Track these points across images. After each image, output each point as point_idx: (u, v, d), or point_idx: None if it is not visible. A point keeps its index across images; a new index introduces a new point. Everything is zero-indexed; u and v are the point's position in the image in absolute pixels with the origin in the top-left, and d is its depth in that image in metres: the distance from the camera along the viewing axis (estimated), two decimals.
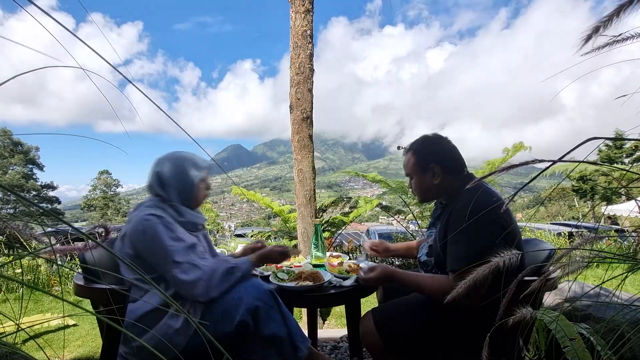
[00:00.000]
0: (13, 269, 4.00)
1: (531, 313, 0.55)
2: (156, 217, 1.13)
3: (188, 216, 1.24)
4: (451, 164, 1.24)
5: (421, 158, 1.26)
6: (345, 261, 1.66)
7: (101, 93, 0.47)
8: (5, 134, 33.26)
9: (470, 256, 1.03)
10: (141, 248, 1.11)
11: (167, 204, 1.21)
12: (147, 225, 1.10)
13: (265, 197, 4.44)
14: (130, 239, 1.12)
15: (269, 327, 1.14)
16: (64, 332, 2.70)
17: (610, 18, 0.49)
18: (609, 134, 0.49)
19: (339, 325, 2.95)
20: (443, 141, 1.27)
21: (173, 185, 1.22)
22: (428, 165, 1.24)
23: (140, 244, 1.11)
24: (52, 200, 36.08)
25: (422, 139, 1.29)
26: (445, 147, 1.26)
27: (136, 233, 1.11)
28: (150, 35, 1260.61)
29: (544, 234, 7.43)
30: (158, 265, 1.11)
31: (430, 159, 1.24)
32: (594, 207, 20.41)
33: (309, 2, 2.75)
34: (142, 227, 1.10)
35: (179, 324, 1.09)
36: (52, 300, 3.58)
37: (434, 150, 1.25)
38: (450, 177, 1.23)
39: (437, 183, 1.23)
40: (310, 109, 2.81)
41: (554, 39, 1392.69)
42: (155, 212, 1.14)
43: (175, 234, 1.13)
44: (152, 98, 0.41)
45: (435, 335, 1.17)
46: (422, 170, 1.25)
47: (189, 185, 1.25)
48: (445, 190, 1.25)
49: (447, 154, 1.25)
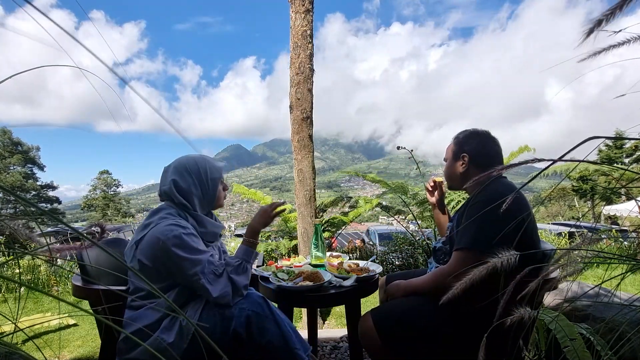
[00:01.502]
0: (13, 269, 4.00)
1: (530, 313, 0.55)
2: (181, 227, 1.10)
3: (209, 226, 1.22)
4: (481, 158, 1.29)
5: (458, 146, 1.33)
6: (345, 261, 1.66)
7: (98, 93, 0.46)
8: (5, 134, 33.27)
9: (478, 238, 1.06)
10: (162, 257, 1.07)
11: (188, 213, 1.19)
12: (173, 236, 1.06)
13: (266, 197, 4.44)
14: (150, 246, 1.08)
15: (263, 337, 1.11)
16: (64, 332, 2.70)
17: (613, 11, 0.48)
18: (605, 134, 0.48)
19: (339, 325, 2.94)
20: (483, 136, 1.32)
21: (194, 193, 1.19)
22: (460, 153, 1.31)
23: (162, 252, 1.06)
24: (52, 200, 36.09)
25: (467, 131, 1.36)
26: (483, 142, 1.30)
27: (156, 242, 1.06)
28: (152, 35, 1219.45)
29: (545, 234, 7.42)
30: (181, 276, 1.08)
31: (465, 148, 1.31)
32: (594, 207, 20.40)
33: (309, 2, 2.75)
34: (165, 237, 1.06)
35: (172, 337, 1.06)
36: (51, 300, 3.59)
37: (471, 142, 1.31)
38: (476, 169, 1.28)
39: (463, 172, 1.30)
40: (310, 109, 2.81)
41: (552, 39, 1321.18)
42: (179, 222, 1.11)
43: (197, 245, 1.12)
44: (154, 97, 0.41)
45: (434, 336, 1.17)
46: (455, 156, 1.33)
47: (210, 191, 1.23)
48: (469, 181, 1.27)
49: (482, 148, 1.30)
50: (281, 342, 1.13)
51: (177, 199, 1.18)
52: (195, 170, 1.21)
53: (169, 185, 1.18)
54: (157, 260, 1.07)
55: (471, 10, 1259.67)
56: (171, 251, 1.05)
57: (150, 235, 1.08)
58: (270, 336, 1.12)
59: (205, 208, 1.25)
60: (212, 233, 1.24)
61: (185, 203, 1.18)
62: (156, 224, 1.10)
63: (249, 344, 1.12)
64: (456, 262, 1.12)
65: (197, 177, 1.21)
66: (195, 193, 1.20)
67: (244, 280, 1.16)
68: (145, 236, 1.09)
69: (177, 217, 1.15)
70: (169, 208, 1.18)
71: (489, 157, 1.29)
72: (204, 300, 1.14)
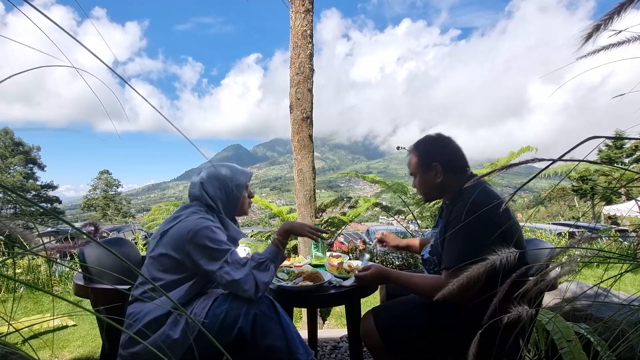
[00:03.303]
0: (13, 269, 4.00)
1: (527, 312, 0.55)
2: (210, 221, 1.18)
3: (232, 231, 1.27)
4: (453, 162, 1.25)
5: (424, 157, 1.27)
6: (345, 261, 1.66)
7: (94, 93, 0.46)
8: (7, 134, 33.28)
9: (465, 254, 1.04)
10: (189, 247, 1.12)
11: (216, 214, 1.26)
12: (205, 226, 1.13)
13: (264, 199, 4.45)
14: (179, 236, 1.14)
15: (266, 339, 1.11)
16: (64, 332, 2.71)
17: (612, 16, 0.49)
18: (600, 133, 0.49)
19: (339, 325, 2.94)
20: (445, 140, 1.28)
21: (219, 197, 1.27)
22: (430, 163, 1.25)
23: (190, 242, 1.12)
24: (52, 200, 36.10)
25: (424, 139, 1.31)
26: (448, 146, 1.27)
27: (189, 232, 1.12)
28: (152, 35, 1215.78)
29: (545, 233, 7.43)
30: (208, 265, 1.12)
31: (432, 157, 1.25)
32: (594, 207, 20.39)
33: (309, 2, 2.76)
34: (197, 227, 1.12)
35: (177, 334, 1.07)
36: (51, 300, 3.59)
37: (436, 149, 1.26)
38: (452, 175, 1.24)
39: (439, 181, 1.24)
40: (310, 109, 2.81)
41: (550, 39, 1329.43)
42: (209, 217, 1.20)
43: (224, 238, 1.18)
44: (154, 96, 0.41)
45: (435, 335, 1.17)
46: (425, 168, 1.27)
47: (235, 197, 1.31)
48: (448, 188, 1.25)
49: (449, 152, 1.26)
50: (284, 346, 1.12)
51: (205, 201, 1.26)
52: (222, 176, 1.29)
53: (198, 188, 1.27)
54: (182, 250, 1.12)
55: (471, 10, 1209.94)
56: (200, 241, 1.11)
57: (180, 227, 1.14)
58: (274, 339, 1.12)
59: (229, 213, 1.31)
60: (233, 237, 1.28)
61: (212, 205, 1.26)
62: (187, 216, 1.18)
63: (252, 345, 1.12)
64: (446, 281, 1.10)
65: (224, 183, 1.29)
66: (220, 198, 1.28)
67: (265, 278, 1.17)
68: (173, 227, 1.16)
69: (206, 214, 1.22)
70: (198, 206, 1.25)
71: (459, 159, 1.26)
72: (213, 296, 1.16)
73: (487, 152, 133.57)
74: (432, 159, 1.25)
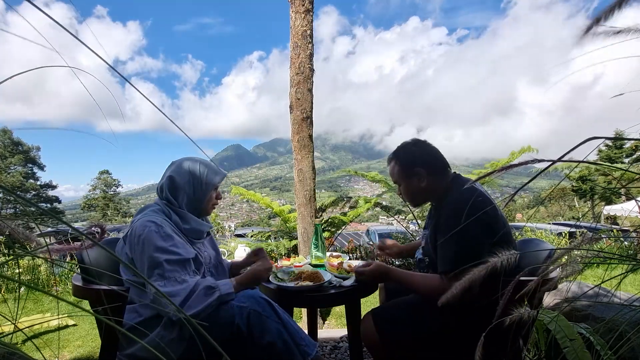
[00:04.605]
0: (13, 269, 4.00)
1: (529, 313, 0.55)
2: (155, 225, 1.11)
3: (193, 224, 1.23)
4: (434, 164, 1.26)
5: (405, 163, 1.28)
6: (345, 261, 1.66)
7: (90, 94, 0.46)
8: (6, 134, 33.26)
9: (459, 255, 1.05)
10: (134, 253, 1.12)
11: (174, 209, 1.21)
12: (144, 232, 1.09)
13: (265, 197, 4.44)
14: (129, 241, 1.14)
15: (266, 336, 1.11)
16: (64, 332, 2.70)
17: (612, 9, 0.48)
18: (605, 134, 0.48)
19: (339, 325, 2.94)
20: (423, 144, 1.30)
21: (185, 191, 1.22)
22: (413, 169, 1.26)
23: (133, 248, 1.11)
24: (51, 200, 36.08)
25: (402, 146, 1.32)
26: (426, 149, 1.28)
27: (134, 237, 1.11)
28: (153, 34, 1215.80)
29: (545, 234, 7.42)
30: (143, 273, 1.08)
31: (414, 162, 1.26)
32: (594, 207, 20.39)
33: (309, 2, 2.75)
34: (139, 232, 1.10)
35: (173, 334, 1.07)
36: (51, 300, 3.59)
37: (415, 154, 1.28)
38: (435, 177, 1.25)
39: (424, 185, 1.25)
40: (310, 108, 2.81)
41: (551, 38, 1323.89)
42: (156, 220, 1.13)
43: (170, 246, 1.10)
44: (156, 95, 0.41)
45: (435, 336, 1.17)
46: (408, 175, 1.28)
47: (201, 194, 1.25)
48: (434, 191, 1.27)
49: (428, 155, 1.27)
50: (285, 342, 1.12)
51: (164, 194, 1.22)
52: (194, 170, 1.25)
53: (165, 180, 1.23)
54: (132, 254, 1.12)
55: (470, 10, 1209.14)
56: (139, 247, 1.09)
57: (130, 231, 1.14)
58: (274, 336, 1.11)
59: (193, 208, 1.26)
60: (196, 230, 1.24)
61: (171, 198, 1.22)
62: (138, 220, 1.15)
63: (251, 343, 1.11)
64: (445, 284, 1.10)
65: (194, 177, 1.24)
66: (186, 191, 1.23)
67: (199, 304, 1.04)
68: (128, 232, 1.15)
69: (160, 213, 1.18)
70: (155, 205, 1.23)
71: (439, 160, 1.27)
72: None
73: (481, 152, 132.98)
74: (414, 164, 1.26)
